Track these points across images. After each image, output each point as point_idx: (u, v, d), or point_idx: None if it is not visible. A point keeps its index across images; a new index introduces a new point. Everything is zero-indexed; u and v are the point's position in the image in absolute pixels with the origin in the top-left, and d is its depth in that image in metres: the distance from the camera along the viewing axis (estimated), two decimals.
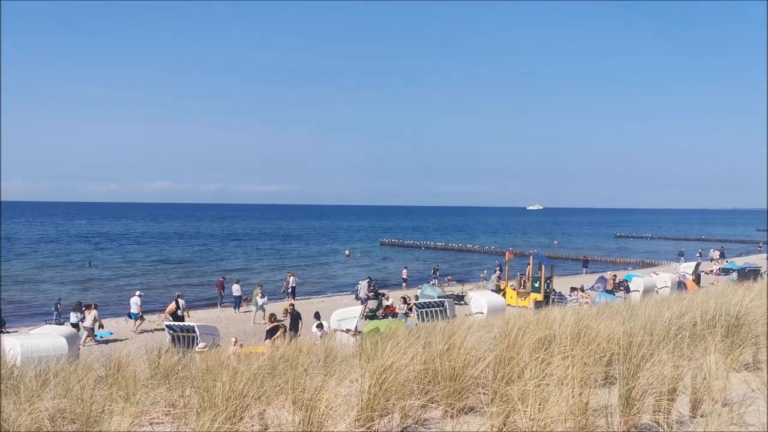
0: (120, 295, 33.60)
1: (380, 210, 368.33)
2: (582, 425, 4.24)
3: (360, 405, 4.47)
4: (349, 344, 9.97)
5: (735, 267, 43.89)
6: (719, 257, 55.36)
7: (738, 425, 4.62)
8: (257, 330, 22.22)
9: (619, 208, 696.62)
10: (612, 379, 5.66)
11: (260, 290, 28.00)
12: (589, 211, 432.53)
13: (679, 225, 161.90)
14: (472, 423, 4.59)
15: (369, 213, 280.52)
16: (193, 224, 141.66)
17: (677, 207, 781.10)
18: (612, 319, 7.62)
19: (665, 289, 29.12)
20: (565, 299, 30.05)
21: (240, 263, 57.27)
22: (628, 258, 62.30)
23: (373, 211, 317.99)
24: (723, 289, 11.38)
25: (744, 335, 6.63)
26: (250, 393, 4.75)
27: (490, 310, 22.33)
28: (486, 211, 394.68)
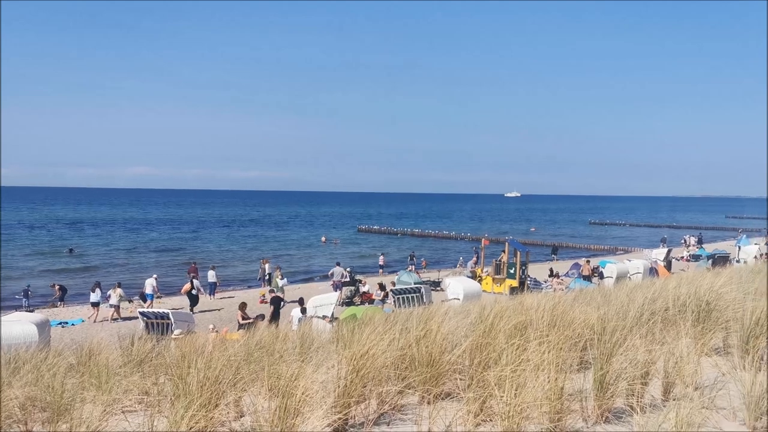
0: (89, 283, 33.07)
1: (362, 197, 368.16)
2: (557, 410, 4.28)
3: (337, 392, 4.46)
4: (325, 331, 9.96)
5: (705, 254, 44.62)
6: (696, 243, 56.21)
7: (709, 408, 4.70)
8: (233, 317, 22.09)
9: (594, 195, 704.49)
10: (587, 364, 5.72)
11: (280, 272, 29.18)
12: (565, 198, 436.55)
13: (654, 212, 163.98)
14: (449, 408, 4.61)
15: (350, 200, 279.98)
16: (176, 210, 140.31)
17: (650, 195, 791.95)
18: (587, 305, 7.70)
19: (638, 275, 29.52)
20: (540, 285, 30.33)
21: (218, 249, 56.90)
22: (601, 245, 63.01)
23: (355, 198, 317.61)
24: (694, 275, 11.57)
25: (714, 320, 6.74)
26: (226, 380, 4.71)
27: (466, 296, 22.45)
28: (465, 198, 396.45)
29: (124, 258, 48.72)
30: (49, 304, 27.33)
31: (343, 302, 26.05)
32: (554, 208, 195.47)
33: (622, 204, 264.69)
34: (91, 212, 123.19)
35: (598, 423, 4.53)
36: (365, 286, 28.83)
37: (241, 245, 61.91)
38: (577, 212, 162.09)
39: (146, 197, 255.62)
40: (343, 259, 41.89)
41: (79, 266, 43.69)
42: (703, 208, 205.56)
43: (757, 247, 42.61)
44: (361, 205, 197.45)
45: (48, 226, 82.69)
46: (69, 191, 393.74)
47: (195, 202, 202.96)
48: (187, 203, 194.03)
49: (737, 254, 42.24)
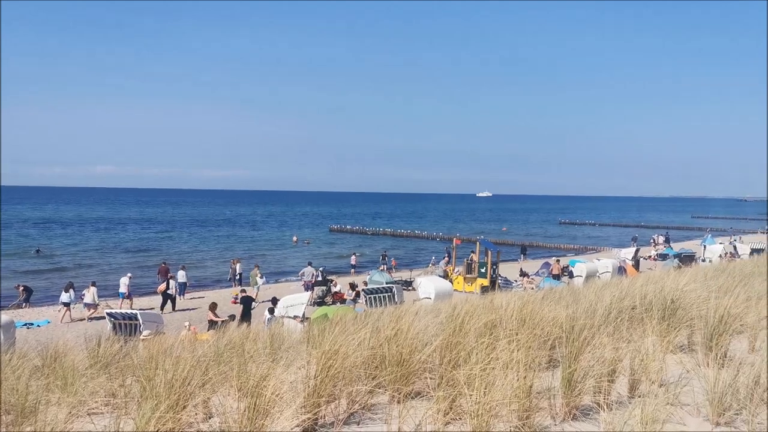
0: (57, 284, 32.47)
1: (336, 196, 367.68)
2: (526, 408, 4.31)
3: (306, 391, 4.44)
4: (296, 331, 9.92)
5: (672, 253, 45.40)
6: (664, 242, 57.13)
7: (674, 404, 4.78)
8: (203, 318, 21.89)
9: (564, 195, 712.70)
10: (555, 362, 5.78)
11: (258, 270, 29.72)
12: (536, 198, 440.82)
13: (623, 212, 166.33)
14: (419, 407, 4.61)
15: (323, 200, 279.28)
16: (145, 210, 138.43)
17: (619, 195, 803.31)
18: (556, 304, 7.78)
19: (607, 274, 29.91)
20: (511, 284, 30.58)
21: (189, 249, 56.30)
22: (571, 244, 63.73)
23: (328, 198, 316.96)
24: (660, 274, 11.76)
25: (679, 318, 6.86)
26: (194, 381, 4.66)
27: (438, 295, 22.54)
28: (437, 197, 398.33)
29: (93, 258, 47.92)
30: (13, 305, 26.78)
31: (315, 302, 25.97)
32: (525, 208, 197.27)
33: (592, 204, 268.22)
34: (58, 212, 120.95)
35: (566, 420, 4.58)
36: (337, 286, 28.79)
37: (212, 245, 61.36)
38: (547, 212, 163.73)
39: (113, 196, 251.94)
40: (315, 258, 41.77)
41: (47, 267, 42.82)
42: (670, 208, 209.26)
43: (722, 247, 43.49)
44: (334, 205, 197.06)
45: (14, 225, 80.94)
46: (34, 190, 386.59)
47: (165, 202, 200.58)
48: (157, 202, 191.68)
49: (703, 253, 43.08)
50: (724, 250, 41.87)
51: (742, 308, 6.94)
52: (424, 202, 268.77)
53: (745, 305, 7.27)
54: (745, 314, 6.98)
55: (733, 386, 4.71)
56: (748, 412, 4.47)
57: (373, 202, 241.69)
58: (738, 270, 12.77)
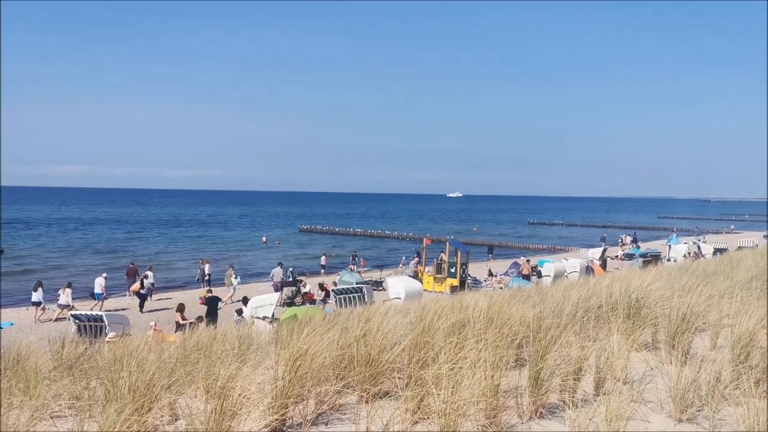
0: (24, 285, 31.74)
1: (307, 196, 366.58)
2: (493, 406, 4.35)
3: (274, 392, 4.42)
4: (265, 331, 9.85)
5: (638, 252, 46.16)
6: (631, 242, 58.00)
7: (637, 401, 4.86)
8: (171, 319, 21.63)
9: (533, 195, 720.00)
10: (523, 361, 5.84)
11: (233, 271, 29.79)
12: (505, 199, 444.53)
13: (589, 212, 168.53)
14: (387, 407, 4.62)
15: (294, 200, 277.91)
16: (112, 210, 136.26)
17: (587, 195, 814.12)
18: (523, 303, 7.85)
19: (574, 273, 30.28)
20: (480, 284, 30.79)
21: (157, 249, 55.54)
22: (540, 244, 64.37)
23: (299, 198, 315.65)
24: (626, 274, 11.95)
25: (644, 317, 6.98)
26: (160, 383, 4.60)
27: (408, 295, 22.59)
28: (408, 198, 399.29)
29: (60, 259, 46.99)
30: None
31: (284, 303, 25.84)
32: (495, 209, 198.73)
33: (561, 204, 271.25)
34: (23, 212, 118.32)
35: (532, 419, 4.63)
36: (306, 286, 28.68)
37: (182, 246, 60.64)
38: (517, 212, 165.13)
39: (78, 196, 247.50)
40: (285, 259, 41.53)
41: (11, 269, 41.79)
42: (637, 209, 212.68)
43: (686, 246, 44.35)
44: (306, 205, 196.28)
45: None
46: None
47: (134, 201, 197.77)
48: (126, 202, 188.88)
49: (668, 253, 43.87)
50: (689, 250, 42.69)
51: (704, 306, 7.08)
52: (395, 202, 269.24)
53: (707, 303, 7.42)
54: (707, 312, 7.12)
55: (695, 383, 4.80)
56: (710, 409, 4.56)
57: (345, 203, 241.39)
58: (701, 269, 13.04)
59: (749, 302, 7.38)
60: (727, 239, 58.72)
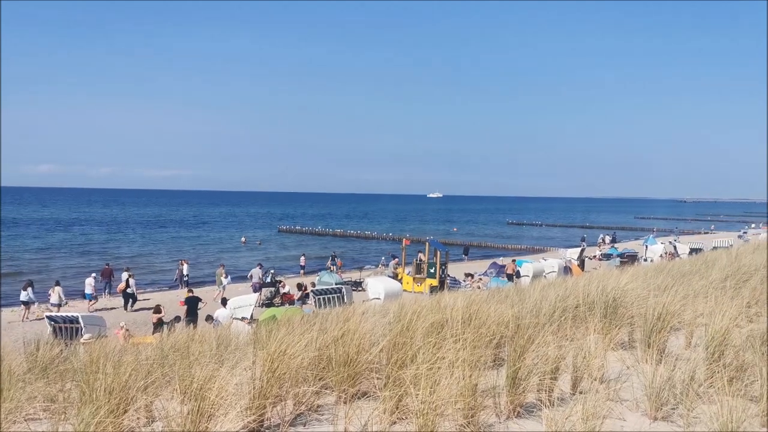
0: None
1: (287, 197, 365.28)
2: (471, 406, 4.36)
3: (252, 393, 4.40)
4: (244, 332, 9.79)
5: (615, 252, 46.60)
6: (610, 242, 58.50)
7: (614, 400, 4.91)
8: (148, 320, 21.43)
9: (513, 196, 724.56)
10: (501, 360, 5.86)
11: (223, 270, 29.76)
12: (485, 199, 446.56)
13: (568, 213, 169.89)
14: (365, 408, 4.62)
15: (274, 200, 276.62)
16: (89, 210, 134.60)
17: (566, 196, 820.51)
18: (502, 303, 7.89)
19: (553, 273, 30.48)
20: (459, 284, 30.88)
21: (134, 250, 54.93)
22: (519, 244, 64.68)
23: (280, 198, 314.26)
24: (603, 273, 12.05)
25: (620, 316, 7.05)
26: (136, 384, 4.56)
27: (387, 295, 22.58)
28: (388, 198, 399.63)
29: (36, 260, 46.24)
30: None
31: (263, 303, 25.72)
32: (475, 209, 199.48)
33: (540, 205, 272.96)
34: None
35: (510, 418, 4.65)
36: (285, 287, 28.57)
37: (159, 246, 60.08)
38: (496, 213, 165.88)
39: (56, 197, 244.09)
40: (264, 260, 41.33)
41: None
42: (615, 209, 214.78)
43: (663, 246, 44.84)
44: (286, 206, 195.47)
45: None
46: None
47: (112, 201, 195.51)
48: (103, 202, 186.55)
49: (645, 253, 44.34)
50: (665, 250, 43.17)
51: (679, 306, 7.17)
52: (375, 202, 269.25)
53: (682, 303, 7.51)
54: (682, 311, 7.21)
55: (670, 382, 4.86)
56: (684, 407, 4.62)
57: (325, 203, 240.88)
58: (677, 269, 13.19)
59: (723, 301, 7.48)
60: (703, 239, 59.49)
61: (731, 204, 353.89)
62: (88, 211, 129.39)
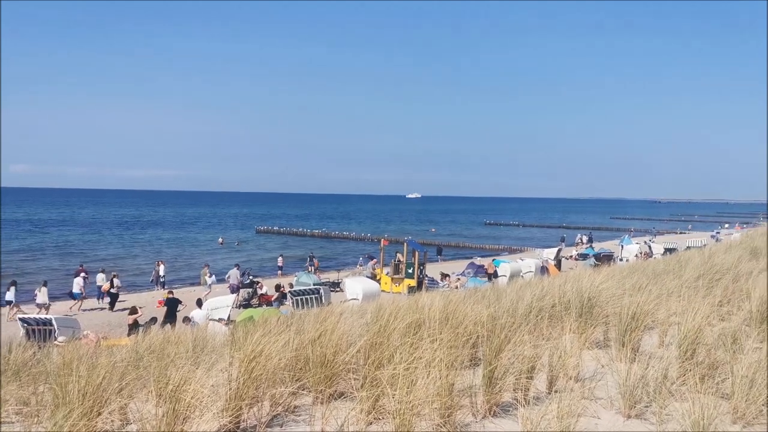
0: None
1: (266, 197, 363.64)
2: (448, 405, 4.38)
3: (228, 394, 4.38)
4: (221, 333, 9.73)
5: (592, 252, 47.05)
6: (587, 242, 59.03)
7: (588, 398, 4.96)
8: (122, 322, 21.20)
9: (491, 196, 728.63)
10: (477, 360, 5.89)
11: (208, 270, 30.09)
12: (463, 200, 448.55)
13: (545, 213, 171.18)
14: (342, 408, 4.63)
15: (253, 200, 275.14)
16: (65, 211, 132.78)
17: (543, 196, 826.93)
18: (479, 303, 7.92)
19: (530, 273, 30.66)
20: (438, 284, 30.96)
21: (111, 251, 54.29)
22: (496, 244, 65.04)
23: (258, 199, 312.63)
24: (579, 273, 12.16)
25: (596, 315, 7.12)
26: (110, 387, 4.51)
27: (365, 296, 22.55)
28: (367, 198, 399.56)
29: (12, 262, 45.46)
30: None
31: (241, 304, 25.59)
32: (453, 209, 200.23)
33: (517, 205, 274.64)
34: None
35: (486, 417, 4.68)
36: (263, 288, 28.44)
37: (137, 247, 59.51)
38: (474, 213, 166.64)
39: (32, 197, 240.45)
40: (242, 260, 41.11)
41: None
42: (591, 209, 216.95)
43: (638, 246, 45.37)
44: (265, 206, 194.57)
45: None
46: None
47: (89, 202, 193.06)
48: (79, 203, 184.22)
49: (620, 253, 44.81)
50: (640, 250, 43.67)
51: (653, 305, 7.26)
52: (354, 203, 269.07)
53: (656, 302, 7.61)
54: (656, 311, 7.30)
55: (643, 380, 4.92)
56: (657, 405, 4.68)
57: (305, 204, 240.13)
58: (651, 269, 13.35)
59: (696, 300, 7.59)
60: (677, 239, 60.30)
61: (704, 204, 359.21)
62: (67, 212, 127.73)
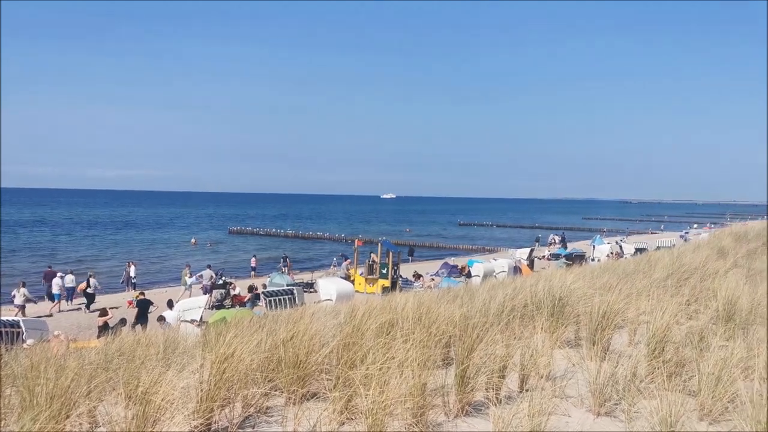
0: None
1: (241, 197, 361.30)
2: (420, 405, 4.39)
3: (199, 396, 4.34)
4: (193, 335, 9.65)
5: (564, 252, 47.54)
6: (560, 242, 59.64)
7: (559, 397, 5.02)
8: (91, 324, 20.92)
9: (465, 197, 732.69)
10: (450, 360, 5.92)
11: (188, 270, 29.71)
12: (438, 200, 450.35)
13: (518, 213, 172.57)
14: (314, 409, 4.62)
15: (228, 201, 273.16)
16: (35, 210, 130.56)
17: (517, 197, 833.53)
18: (451, 303, 7.96)
19: (503, 273, 30.90)
20: (412, 285, 31.03)
21: (81, 252, 53.47)
22: (470, 244, 65.40)
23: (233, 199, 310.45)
24: (551, 273, 12.28)
25: (567, 315, 7.19)
26: (79, 389, 4.45)
27: (339, 296, 22.53)
28: (342, 198, 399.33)
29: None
30: None
31: (213, 306, 25.38)
32: (428, 209, 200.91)
33: (491, 206, 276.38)
34: None
35: (458, 417, 4.70)
36: (236, 288, 28.26)
37: (106, 247, 58.72)
38: (448, 213, 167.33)
39: None
40: (215, 261, 40.79)
41: None
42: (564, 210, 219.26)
43: (609, 246, 45.97)
44: (239, 207, 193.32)
45: None
46: None
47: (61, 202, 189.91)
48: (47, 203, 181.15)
49: (592, 253, 45.36)
50: (611, 250, 44.24)
51: (623, 304, 7.36)
52: (328, 203, 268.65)
53: (626, 301, 7.72)
54: (626, 310, 7.40)
55: (613, 378, 4.99)
56: (626, 402, 4.75)
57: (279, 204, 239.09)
58: (621, 268, 13.52)
59: (664, 299, 7.72)
60: (648, 239, 61.20)
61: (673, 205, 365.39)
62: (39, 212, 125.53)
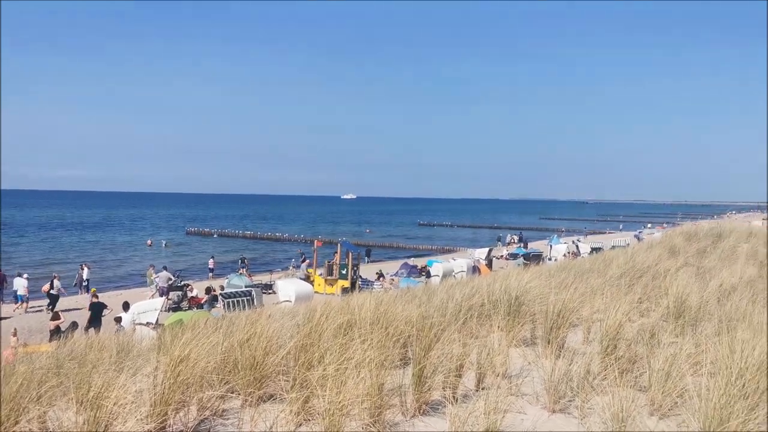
0: None
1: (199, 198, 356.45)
2: (377, 405, 4.40)
3: (153, 399, 4.27)
4: (148, 338, 9.48)
5: (521, 252, 48.18)
6: (518, 242, 60.39)
7: (515, 395, 5.08)
8: (43, 328, 20.39)
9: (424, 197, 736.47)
10: (408, 359, 5.93)
11: (153, 270, 29.94)
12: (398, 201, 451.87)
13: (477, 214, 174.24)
14: (271, 410, 4.59)
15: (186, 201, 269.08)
16: None
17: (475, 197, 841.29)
18: (410, 303, 7.98)
19: (462, 273, 31.17)
20: (371, 285, 31.06)
21: (34, 255, 52.05)
22: (430, 245, 65.79)
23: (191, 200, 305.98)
24: (508, 272, 12.41)
25: (523, 313, 7.28)
26: (28, 394, 4.33)
27: (298, 297, 22.43)
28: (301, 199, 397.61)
29: None
30: None
31: (170, 308, 25.01)
32: (388, 210, 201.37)
33: (450, 206, 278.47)
34: None
35: (416, 416, 4.72)
36: (193, 290, 27.89)
37: (63, 249, 57.32)
38: (408, 214, 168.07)
39: None
40: (171, 262, 40.18)
41: None
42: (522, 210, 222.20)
43: (566, 246, 46.75)
44: (198, 207, 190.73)
45: None
46: None
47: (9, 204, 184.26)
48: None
49: (549, 252, 46.07)
50: (568, 249, 45.01)
51: (578, 303, 7.48)
52: (288, 203, 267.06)
53: (581, 300, 7.85)
54: (580, 308, 7.53)
55: (567, 375, 5.08)
56: (580, 399, 4.84)
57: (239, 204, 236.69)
58: (577, 267, 13.75)
59: (618, 297, 7.88)
60: (603, 239, 62.43)
61: (627, 205, 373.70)
62: None
